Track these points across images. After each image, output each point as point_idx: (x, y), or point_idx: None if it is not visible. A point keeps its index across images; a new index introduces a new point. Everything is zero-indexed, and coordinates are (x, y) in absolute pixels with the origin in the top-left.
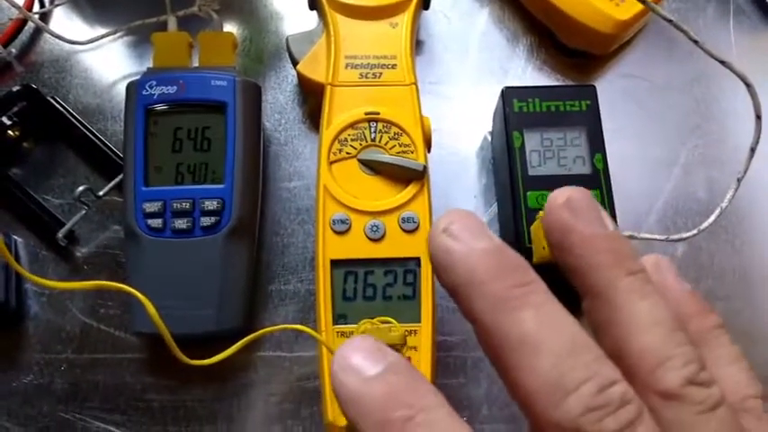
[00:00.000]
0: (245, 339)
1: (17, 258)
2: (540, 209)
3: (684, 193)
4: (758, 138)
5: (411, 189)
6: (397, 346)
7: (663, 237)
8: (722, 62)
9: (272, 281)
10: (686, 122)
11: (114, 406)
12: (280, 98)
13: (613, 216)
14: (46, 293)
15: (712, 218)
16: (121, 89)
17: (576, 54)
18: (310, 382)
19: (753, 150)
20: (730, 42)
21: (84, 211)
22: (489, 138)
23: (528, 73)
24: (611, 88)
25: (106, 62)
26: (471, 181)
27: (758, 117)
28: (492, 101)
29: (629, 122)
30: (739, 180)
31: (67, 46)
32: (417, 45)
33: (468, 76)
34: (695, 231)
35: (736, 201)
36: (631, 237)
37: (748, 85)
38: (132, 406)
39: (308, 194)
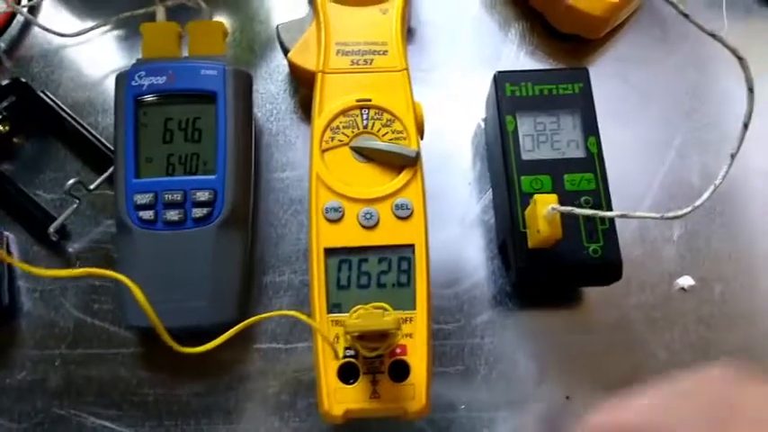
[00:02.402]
0: (238, 327)
1: (8, 254)
2: (534, 193)
3: (679, 177)
4: (750, 112)
5: (404, 176)
6: (391, 331)
7: (657, 215)
8: (713, 35)
9: (267, 272)
10: (681, 106)
11: (109, 401)
12: (271, 88)
13: (608, 200)
14: (38, 290)
15: (706, 195)
16: (111, 82)
17: (569, 38)
18: (306, 373)
19: (746, 126)
20: (723, 23)
21: (75, 205)
22: (483, 125)
23: (520, 58)
24: (604, 72)
25: (96, 55)
26: (465, 168)
27: (750, 90)
28: (485, 87)
29: (623, 106)
30: (733, 156)
31: (57, 40)
32: (409, 32)
33: (461, 63)
34: (689, 209)
35: (732, 184)
36: (624, 216)
37: (740, 59)
38: (127, 400)
39: (302, 185)
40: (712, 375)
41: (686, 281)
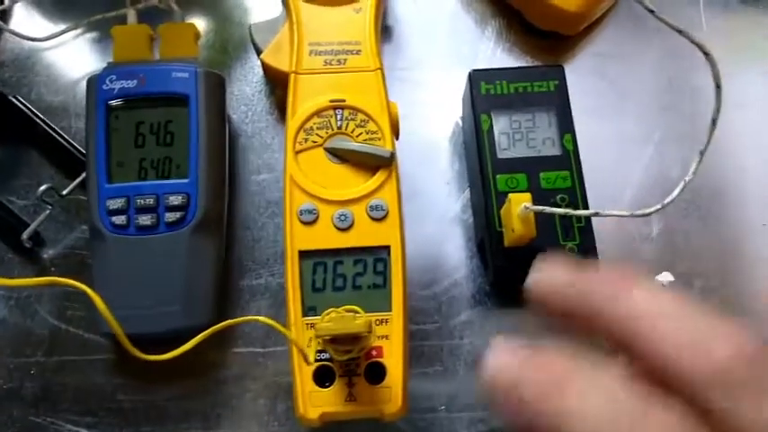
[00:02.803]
0: (205, 333)
1: None
2: (510, 192)
3: (657, 171)
4: (719, 108)
5: (379, 176)
6: (363, 334)
7: (627, 213)
8: (679, 31)
9: (243, 276)
10: (658, 101)
11: (85, 408)
12: (246, 90)
13: (584, 197)
14: (14, 297)
15: (677, 191)
16: (84, 86)
17: (546, 35)
18: (285, 377)
19: (714, 122)
20: (701, 21)
21: (48, 211)
22: (461, 123)
23: (498, 55)
24: (582, 68)
25: (68, 59)
26: (444, 167)
27: (718, 87)
28: (462, 86)
29: (601, 102)
30: (702, 153)
31: (28, 44)
32: (385, 31)
33: (438, 61)
34: (659, 206)
35: (707, 178)
36: (596, 214)
37: (706, 54)
38: (104, 407)
39: (278, 187)
40: None
41: (665, 277)
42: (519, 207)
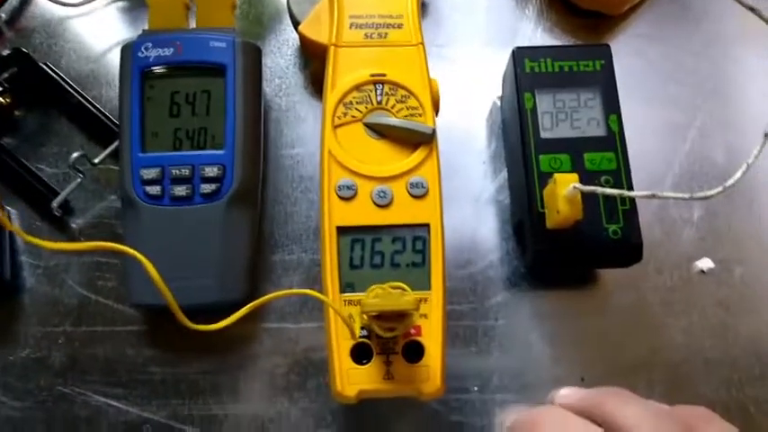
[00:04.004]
0: (253, 304)
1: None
2: (553, 172)
3: (701, 156)
4: None
5: (419, 153)
6: (410, 312)
7: (686, 195)
8: (751, 9)
9: (276, 251)
10: (702, 85)
11: (114, 379)
12: (280, 62)
13: (629, 180)
14: (41, 266)
15: (738, 174)
16: (116, 54)
17: (588, 14)
18: (316, 353)
19: None
20: None
21: (79, 180)
22: (498, 103)
23: (538, 35)
24: (624, 49)
25: (99, 27)
26: (480, 147)
27: None
28: (500, 64)
29: (643, 84)
30: (766, 135)
31: (59, 10)
32: (422, 6)
33: (476, 39)
34: (720, 189)
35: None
36: (653, 196)
37: None
38: (133, 379)
39: (311, 162)
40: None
41: (705, 263)
42: (566, 187)
